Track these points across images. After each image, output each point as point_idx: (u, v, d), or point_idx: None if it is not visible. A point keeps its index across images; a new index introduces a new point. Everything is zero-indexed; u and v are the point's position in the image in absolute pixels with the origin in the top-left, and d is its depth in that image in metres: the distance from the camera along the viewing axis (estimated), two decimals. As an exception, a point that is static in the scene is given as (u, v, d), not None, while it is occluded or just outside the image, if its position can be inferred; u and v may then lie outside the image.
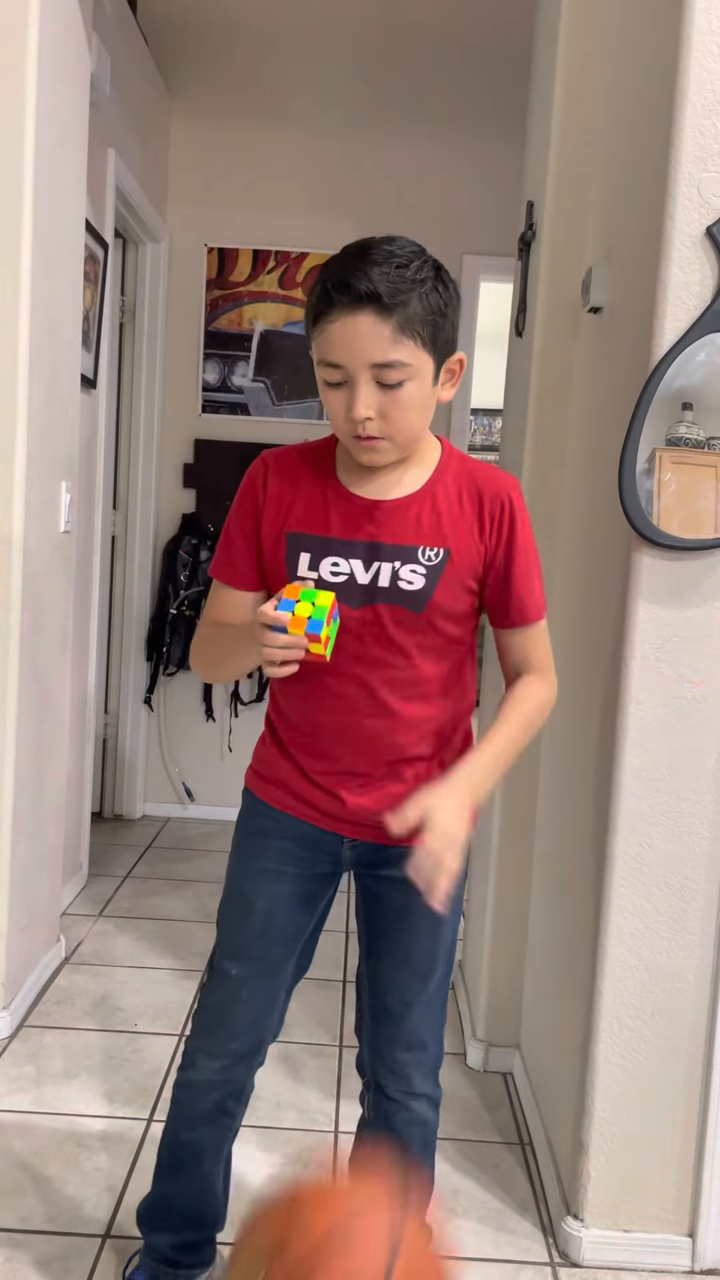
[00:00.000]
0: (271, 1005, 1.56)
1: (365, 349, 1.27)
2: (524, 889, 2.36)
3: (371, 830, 1.46)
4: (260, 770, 1.55)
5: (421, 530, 1.38)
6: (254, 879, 1.52)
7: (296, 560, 1.40)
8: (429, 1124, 1.59)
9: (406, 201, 4.06)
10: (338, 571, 1.38)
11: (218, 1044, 1.56)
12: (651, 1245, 1.82)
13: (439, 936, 1.51)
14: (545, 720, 1.51)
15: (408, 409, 1.32)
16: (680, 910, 1.75)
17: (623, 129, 1.94)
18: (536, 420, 2.26)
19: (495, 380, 3.04)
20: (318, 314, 1.30)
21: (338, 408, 1.32)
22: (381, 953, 1.53)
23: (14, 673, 2.35)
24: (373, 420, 1.31)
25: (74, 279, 2.69)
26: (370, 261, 1.27)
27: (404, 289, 1.27)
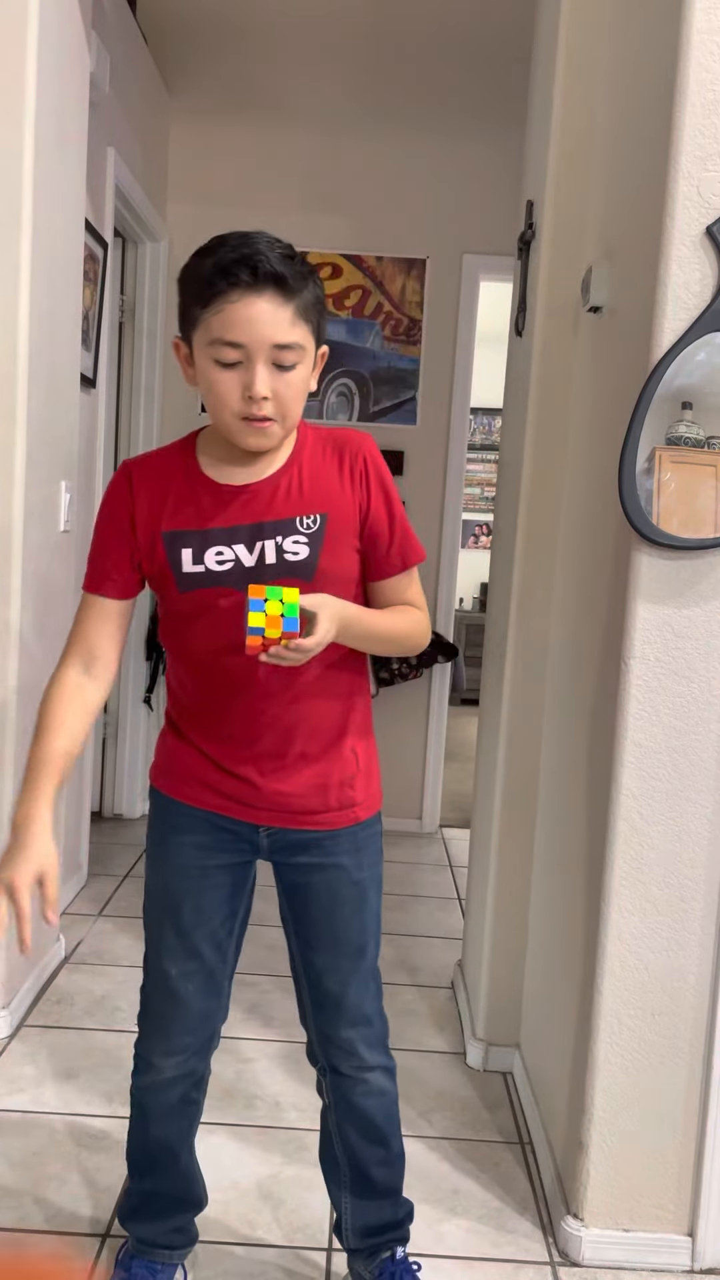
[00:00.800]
0: (216, 995, 1.58)
1: (268, 329, 1.30)
2: (524, 888, 2.36)
3: (286, 816, 1.48)
4: (166, 767, 1.55)
5: (292, 501, 1.41)
6: (176, 878, 1.53)
7: (179, 557, 1.41)
8: (388, 1093, 1.61)
9: (406, 201, 4.06)
10: (223, 560, 1.40)
11: (170, 1043, 1.57)
12: (651, 1244, 1.82)
13: (364, 913, 1.54)
14: (413, 646, 1.52)
15: (299, 391, 1.36)
16: (680, 910, 1.76)
17: (623, 128, 1.94)
18: (536, 419, 2.26)
19: (495, 380, 3.04)
20: (213, 292, 1.30)
21: (230, 388, 1.33)
22: (311, 939, 1.55)
23: (13, 672, 2.35)
24: (268, 400, 1.33)
25: (73, 278, 2.69)
26: (263, 247, 1.30)
27: (300, 275, 1.32)
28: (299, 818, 1.49)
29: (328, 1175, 1.68)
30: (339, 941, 1.53)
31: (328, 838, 1.50)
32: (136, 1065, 1.62)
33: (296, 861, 1.52)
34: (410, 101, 3.90)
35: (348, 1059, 1.57)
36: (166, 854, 1.54)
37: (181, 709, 1.52)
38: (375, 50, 3.58)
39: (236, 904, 1.56)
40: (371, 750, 1.56)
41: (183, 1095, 1.61)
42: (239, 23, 3.48)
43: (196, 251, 1.34)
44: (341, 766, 1.50)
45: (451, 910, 3.45)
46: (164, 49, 3.74)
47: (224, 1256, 1.77)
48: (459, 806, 4.48)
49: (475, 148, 4.01)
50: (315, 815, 1.49)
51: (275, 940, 1.61)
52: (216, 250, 1.31)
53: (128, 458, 1.49)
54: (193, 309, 1.34)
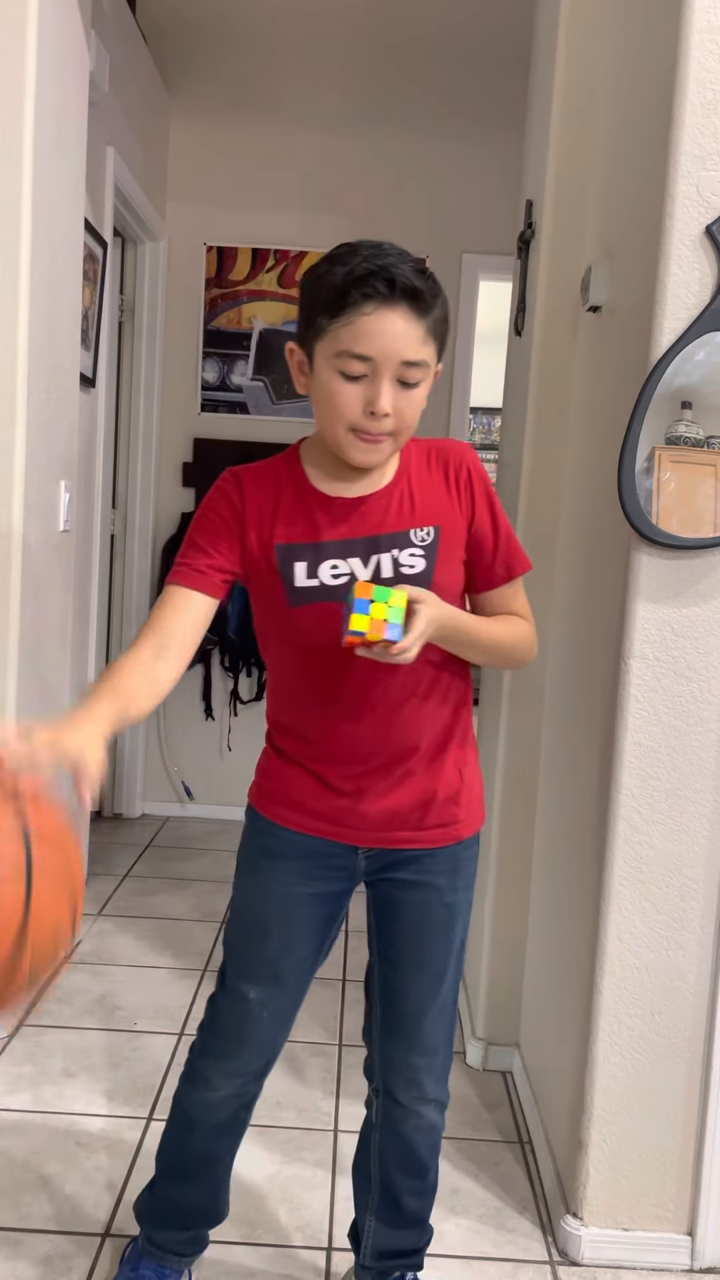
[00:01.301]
0: (288, 1022, 1.56)
1: (399, 345, 1.27)
2: (523, 888, 2.36)
3: (389, 836, 1.45)
4: (267, 787, 1.50)
5: (405, 514, 1.39)
6: (269, 902, 1.49)
7: (291, 571, 1.38)
8: (436, 1129, 1.58)
9: (406, 200, 4.06)
10: (338, 574, 1.37)
11: (235, 1065, 1.54)
12: (650, 1244, 1.82)
13: (452, 939, 1.51)
14: (519, 658, 1.49)
15: (417, 408, 1.33)
16: (680, 909, 1.76)
17: (622, 128, 1.94)
18: (536, 419, 2.26)
19: (495, 379, 3.04)
20: (345, 303, 1.25)
21: (352, 401, 1.30)
22: (395, 958, 1.51)
23: (13, 672, 2.35)
24: (389, 417, 1.30)
25: (73, 278, 2.69)
26: (397, 260, 1.26)
27: (433, 293, 1.29)
28: (400, 835, 1.45)
29: (357, 1190, 1.65)
30: (423, 964, 1.50)
31: (427, 855, 1.47)
32: (190, 1076, 1.58)
33: (391, 877, 1.48)
34: (409, 101, 3.90)
35: (408, 1088, 1.54)
36: (260, 878, 1.50)
37: (285, 729, 1.48)
38: (375, 49, 3.58)
39: (326, 935, 1.53)
40: (475, 765, 1.53)
41: (233, 1114, 1.59)
42: (238, 22, 3.48)
43: (325, 258, 1.30)
44: (446, 782, 1.46)
45: (451, 910, 3.45)
46: (164, 48, 3.74)
47: (224, 1256, 1.77)
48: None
49: (475, 147, 4.01)
50: (417, 833, 1.46)
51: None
52: (348, 259, 1.27)
53: (231, 466, 1.42)
54: (319, 318, 1.29)
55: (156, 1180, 1.66)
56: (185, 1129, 1.60)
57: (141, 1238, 1.67)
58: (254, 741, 4.30)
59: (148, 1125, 2.13)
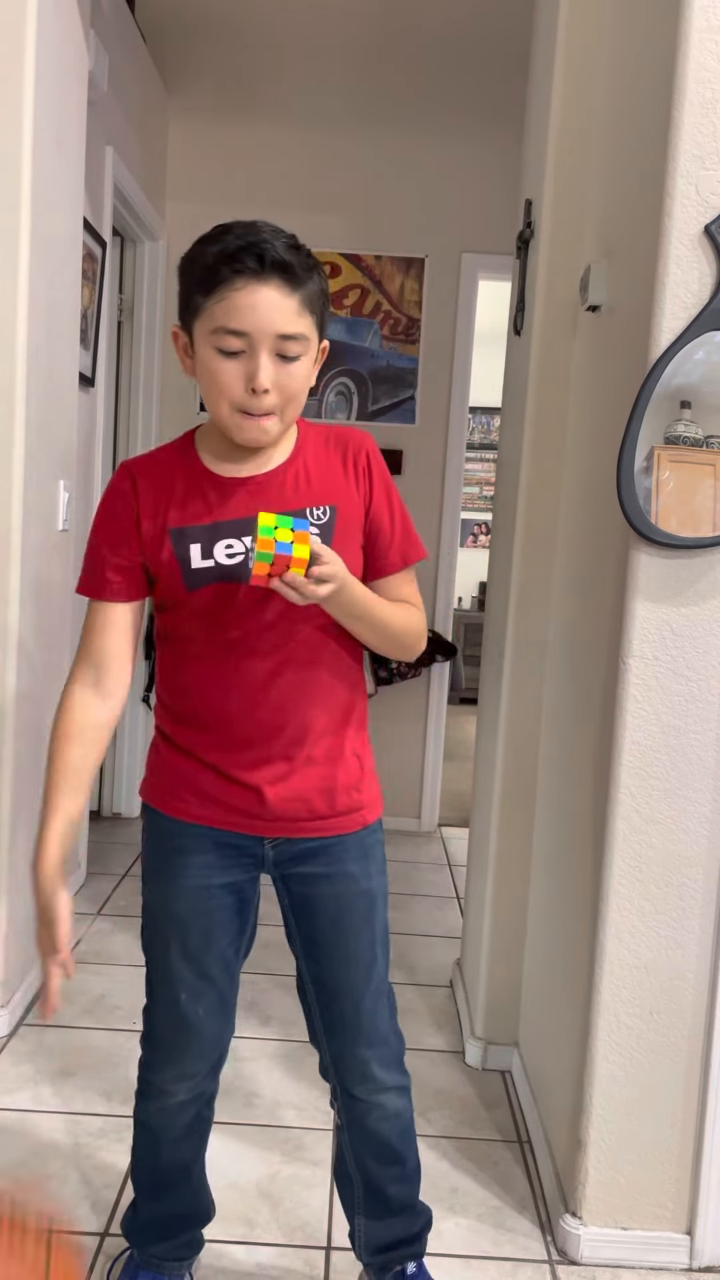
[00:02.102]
0: (226, 1015, 1.54)
1: (273, 318, 1.27)
2: (522, 887, 2.36)
3: (294, 825, 1.45)
4: (162, 784, 1.48)
5: (301, 492, 1.39)
6: (181, 900, 1.47)
7: (187, 553, 1.38)
8: (403, 1115, 1.57)
9: (404, 200, 4.06)
10: (233, 553, 1.37)
11: (184, 1069, 1.53)
12: (649, 1243, 1.82)
13: (374, 926, 1.50)
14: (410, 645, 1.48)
15: (300, 383, 1.33)
16: (679, 909, 1.76)
17: (621, 127, 1.94)
18: (535, 418, 2.26)
19: (493, 379, 3.04)
20: (218, 280, 1.27)
21: (233, 379, 1.30)
22: (321, 955, 1.50)
23: (12, 671, 2.35)
24: (269, 393, 1.30)
25: (72, 277, 2.69)
26: (269, 235, 1.28)
27: (306, 266, 1.30)
28: (307, 825, 1.44)
29: (342, 1193, 1.64)
30: (349, 955, 1.49)
31: (335, 844, 1.46)
32: (144, 1090, 1.57)
33: (302, 871, 1.47)
34: (409, 100, 3.90)
35: (362, 1082, 1.53)
36: (169, 876, 1.48)
37: (180, 719, 1.46)
38: (374, 49, 3.58)
39: (243, 922, 1.51)
40: (370, 753, 1.53)
41: (195, 1114, 1.58)
42: (237, 22, 3.48)
43: (199, 239, 1.32)
44: (346, 769, 1.46)
45: (450, 909, 3.46)
46: (163, 48, 3.75)
47: (223, 1256, 1.77)
48: (458, 805, 4.48)
49: (474, 146, 4.01)
50: (323, 821, 1.45)
51: (271, 937, 1.60)
52: (221, 238, 1.29)
53: (125, 459, 1.46)
54: (195, 296, 1.30)
55: (137, 1199, 1.64)
56: (152, 1143, 1.59)
57: (137, 1254, 1.65)
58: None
59: (147, 1125, 2.13)
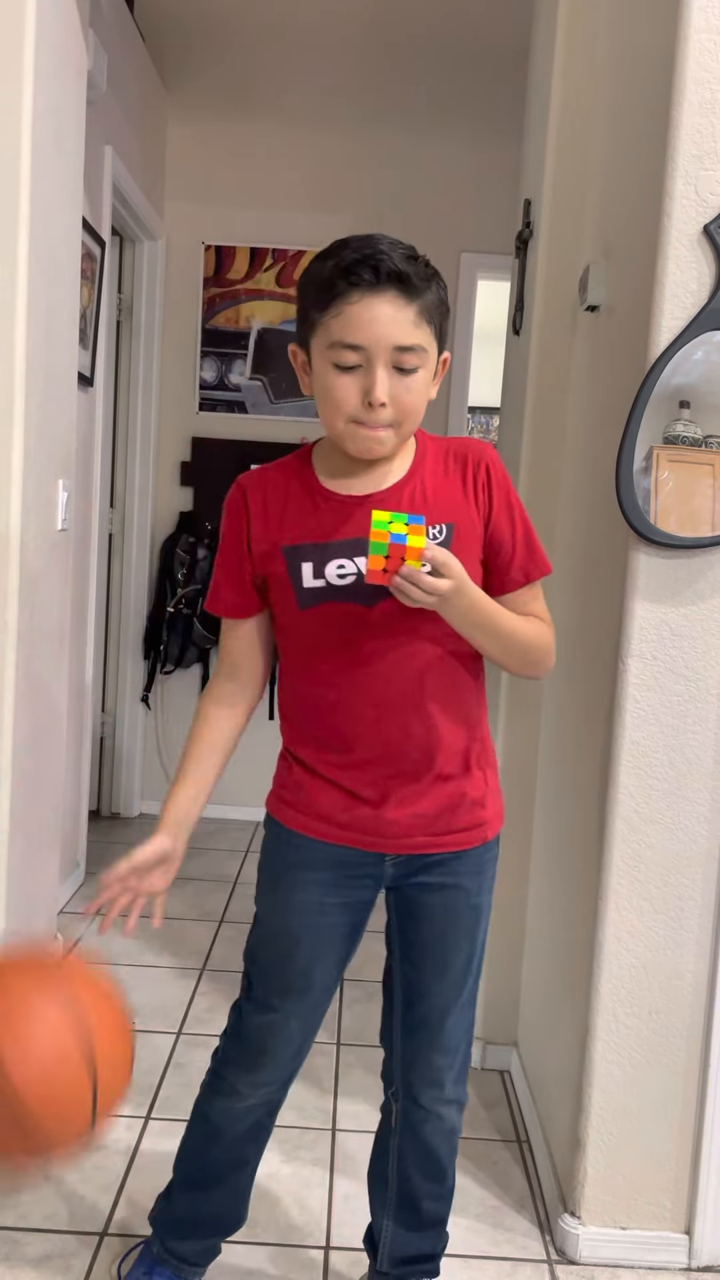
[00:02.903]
0: (314, 1030, 1.54)
1: (389, 331, 1.26)
2: (521, 887, 2.36)
3: (417, 843, 1.43)
4: (289, 798, 1.47)
5: (417, 510, 1.36)
6: (295, 914, 1.47)
7: (299, 572, 1.36)
8: (456, 1131, 1.58)
9: (404, 199, 4.06)
10: (344, 573, 1.35)
11: (261, 1075, 1.53)
12: (648, 1242, 1.82)
13: (476, 940, 1.50)
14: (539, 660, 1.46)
15: (418, 396, 1.31)
16: (678, 909, 1.76)
17: (620, 127, 1.94)
18: (534, 418, 2.26)
19: (493, 378, 3.04)
20: (333, 294, 1.26)
21: (349, 393, 1.29)
22: (419, 960, 1.50)
23: (11, 671, 2.35)
24: (386, 407, 1.28)
25: (71, 277, 2.69)
26: (385, 248, 1.26)
27: (423, 276, 1.28)
28: (431, 840, 1.43)
29: (373, 1194, 1.64)
30: (447, 966, 1.48)
31: (453, 858, 1.45)
32: (215, 1085, 1.56)
33: (417, 881, 1.46)
34: (408, 100, 3.90)
35: (430, 1089, 1.53)
36: (287, 890, 1.47)
37: (302, 736, 1.45)
38: (373, 49, 3.58)
39: (353, 943, 1.51)
40: (495, 768, 1.51)
41: (258, 1121, 1.57)
42: (237, 21, 3.48)
43: (317, 255, 1.30)
44: (473, 784, 1.44)
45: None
46: (162, 47, 3.74)
47: (223, 1255, 1.77)
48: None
49: (473, 146, 4.01)
50: (446, 837, 1.44)
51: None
52: (338, 252, 1.27)
53: (241, 474, 1.46)
54: (311, 313, 1.30)
55: (176, 1189, 1.63)
56: (209, 1137, 1.58)
57: (156, 1244, 1.64)
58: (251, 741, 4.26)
59: (145, 1124, 2.13)
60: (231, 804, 4.23)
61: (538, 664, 1.46)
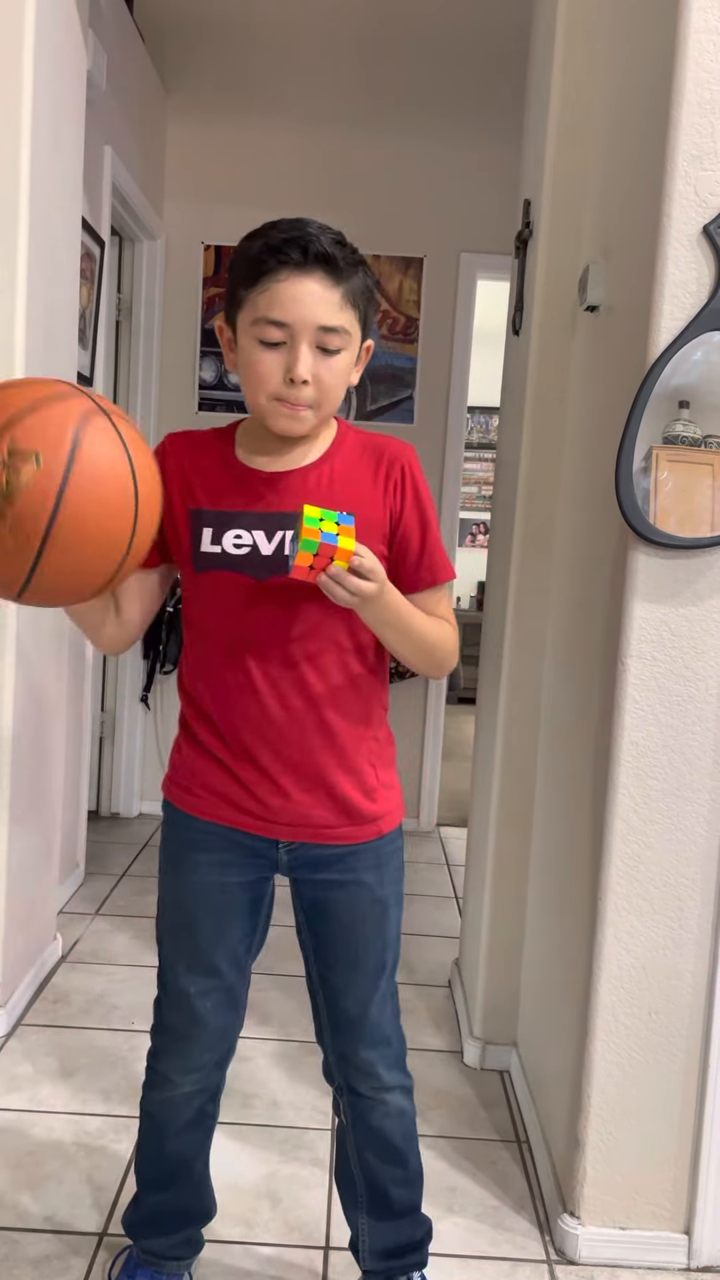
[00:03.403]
0: (234, 1010, 1.56)
1: (314, 310, 1.30)
2: (521, 887, 2.36)
3: (307, 831, 1.45)
4: (180, 780, 1.50)
5: (320, 495, 1.38)
6: (193, 895, 1.49)
7: (200, 535, 1.39)
8: (406, 1114, 1.59)
9: (403, 199, 4.06)
10: (240, 544, 1.38)
11: (190, 1061, 1.55)
12: (648, 1243, 1.82)
13: (386, 930, 1.51)
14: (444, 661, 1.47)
15: (339, 377, 1.35)
16: (677, 909, 1.76)
17: (620, 127, 1.94)
18: (533, 418, 2.27)
19: (492, 378, 3.04)
20: (262, 271, 1.30)
21: (271, 369, 1.32)
22: (331, 959, 1.51)
23: (10, 671, 2.35)
24: (308, 385, 1.31)
25: (70, 277, 2.69)
26: (314, 230, 1.30)
27: (350, 261, 1.32)
28: (320, 832, 1.45)
29: (344, 1195, 1.65)
30: (359, 960, 1.50)
31: (349, 853, 1.46)
32: (151, 1079, 1.59)
33: (317, 878, 1.48)
34: (407, 99, 3.90)
35: (366, 1080, 1.54)
36: (183, 871, 1.50)
37: (197, 711, 1.47)
38: (372, 48, 3.58)
39: (255, 920, 1.53)
40: (392, 762, 1.52)
41: (199, 1108, 1.59)
42: (236, 21, 3.48)
43: (247, 235, 1.34)
44: (361, 780, 1.46)
45: (448, 909, 3.46)
46: (161, 47, 3.74)
47: (221, 1255, 1.77)
48: (456, 805, 4.48)
49: (472, 146, 4.01)
50: (337, 829, 1.45)
51: (273, 938, 1.60)
52: (267, 232, 1.32)
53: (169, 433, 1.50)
54: (240, 289, 1.33)
55: (139, 1192, 1.65)
56: (155, 1133, 1.60)
57: (135, 1249, 1.66)
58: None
59: (145, 1124, 2.13)
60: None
61: (442, 664, 1.48)
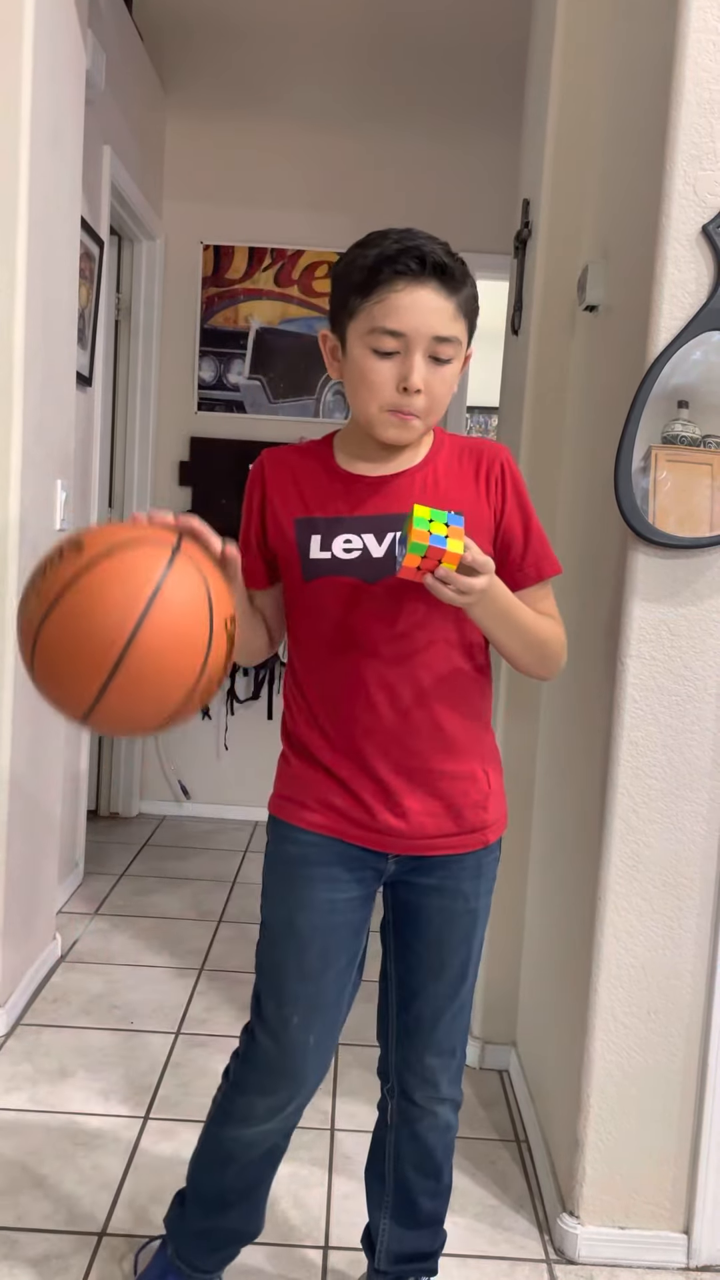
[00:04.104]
0: (332, 1046, 1.49)
1: (430, 320, 1.29)
2: (520, 887, 2.36)
3: (420, 843, 1.42)
4: (290, 794, 1.46)
5: (427, 496, 1.38)
6: (304, 911, 1.43)
7: (308, 544, 1.39)
8: (451, 1129, 1.57)
9: (402, 198, 4.06)
10: (350, 548, 1.37)
11: (280, 1099, 1.48)
12: (647, 1242, 1.82)
13: (473, 944, 1.49)
14: (554, 658, 1.46)
15: (449, 386, 1.35)
16: (676, 908, 1.76)
17: (619, 127, 1.94)
18: (533, 418, 2.27)
19: (491, 378, 3.04)
20: (377, 281, 1.29)
21: (385, 378, 1.31)
22: (414, 962, 1.49)
23: (9, 671, 2.35)
24: (421, 393, 1.31)
25: (69, 277, 2.69)
26: (425, 240, 1.29)
27: (462, 271, 1.32)
28: (433, 843, 1.42)
29: (371, 1192, 1.63)
30: (444, 968, 1.48)
31: (454, 860, 1.44)
32: (229, 1111, 1.51)
33: (415, 881, 1.45)
34: (406, 99, 3.90)
35: (424, 1088, 1.52)
36: (292, 886, 1.45)
37: (304, 721, 1.44)
38: (372, 47, 3.58)
39: (361, 941, 1.48)
40: (498, 770, 1.50)
41: (274, 1145, 1.54)
42: (235, 20, 3.47)
43: (356, 244, 1.33)
44: (475, 786, 1.44)
45: (448, 908, 3.45)
46: (160, 47, 3.74)
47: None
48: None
49: (471, 145, 4.01)
50: (448, 839, 1.43)
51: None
52: (379, 242, 1.30)
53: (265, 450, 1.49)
54: (352, 299, 1.32)
55: (190, 1205, 1.58)
56: (222, 1163, 1.54)
57: (170, 1249, 1.61)
58: (251, 741, 4.30)
59: (144, 1124, 2.13)
60: (230, 804, 4.25)
61: (552, 660, 1.46)
